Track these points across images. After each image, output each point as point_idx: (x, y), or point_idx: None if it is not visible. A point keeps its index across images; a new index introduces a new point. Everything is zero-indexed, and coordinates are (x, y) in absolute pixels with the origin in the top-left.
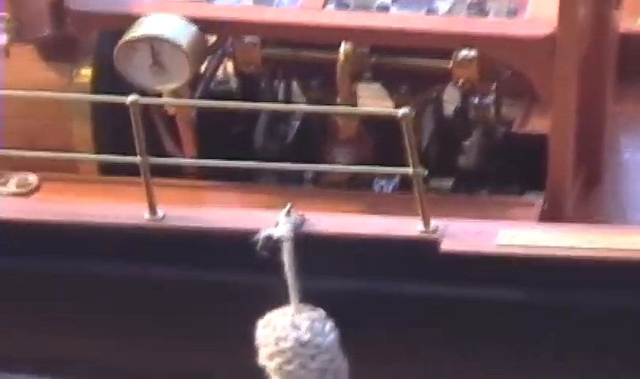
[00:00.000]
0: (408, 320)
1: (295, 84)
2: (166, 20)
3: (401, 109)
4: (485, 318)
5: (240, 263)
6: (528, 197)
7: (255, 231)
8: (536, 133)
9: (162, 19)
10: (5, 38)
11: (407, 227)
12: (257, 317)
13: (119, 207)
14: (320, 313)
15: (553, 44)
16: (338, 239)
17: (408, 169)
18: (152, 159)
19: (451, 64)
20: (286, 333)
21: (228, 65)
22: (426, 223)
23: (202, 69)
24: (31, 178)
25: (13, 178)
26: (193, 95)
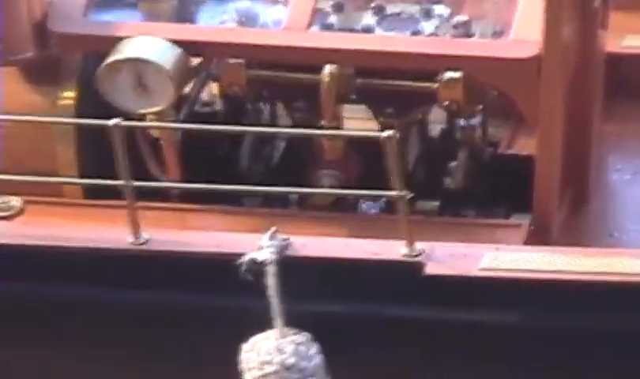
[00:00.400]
0: (394, 343)
1: (280, 105)
2: (150, 42)
3: (385, 131)
4: (471, 341)
5: (224, 286)
6: (514, 219)
7: (239, 255)
8: (523, 154)
9: (146, 41)
10: None
11: (391, 249)
12: (242, 340)
13: (103, 230)
14: (305, 336)
15: (538, 65)
16: (322, 262)
17: (392, 192)
18: (136, 183)
19: (437, 85)
20: (271, 357)
21: (213, 86)
22: (410, 246)
23: (186, 90)
24: (14, 202)
25: None
26: (178, 117)
